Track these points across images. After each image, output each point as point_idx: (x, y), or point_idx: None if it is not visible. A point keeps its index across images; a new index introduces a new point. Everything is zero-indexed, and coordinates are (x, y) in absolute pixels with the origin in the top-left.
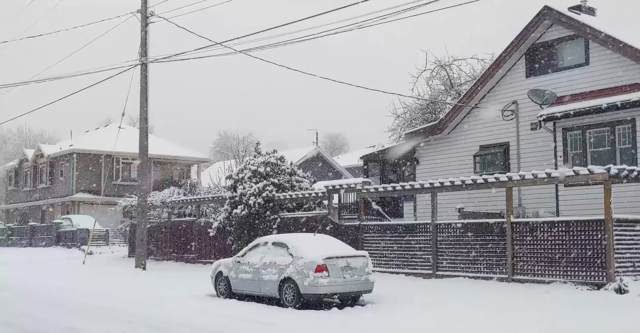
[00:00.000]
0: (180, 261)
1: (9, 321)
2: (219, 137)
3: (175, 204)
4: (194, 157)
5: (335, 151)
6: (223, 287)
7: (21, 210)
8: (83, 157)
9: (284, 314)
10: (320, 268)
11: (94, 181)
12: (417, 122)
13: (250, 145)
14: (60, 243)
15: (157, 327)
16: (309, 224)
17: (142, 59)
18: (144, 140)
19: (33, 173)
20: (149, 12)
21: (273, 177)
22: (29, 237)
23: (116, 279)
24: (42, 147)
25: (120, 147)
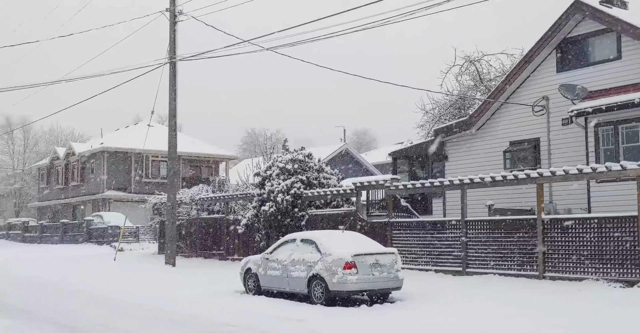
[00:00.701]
0: (209, 258)
1: (44, 317)
2: (247, 135)
3: (203, 201)
4: (222, 155)
5: (363, 148)
6: (252, 284)
7: (53, 207)
8: (113, 155)
9: (313, 311)
10: (349, 265)
11: (124, 179)
12: (446, 118)
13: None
14: (91, 240)
15: (186, 323)
16: (337, 221)
17: (170, 57)
18: (172, 138)
19: (64, 171)
20: (177, 11)
21: (301, 174)
22: (61, 234)
23: (146, 276)
24: (73, 145)
25: (149, 144)
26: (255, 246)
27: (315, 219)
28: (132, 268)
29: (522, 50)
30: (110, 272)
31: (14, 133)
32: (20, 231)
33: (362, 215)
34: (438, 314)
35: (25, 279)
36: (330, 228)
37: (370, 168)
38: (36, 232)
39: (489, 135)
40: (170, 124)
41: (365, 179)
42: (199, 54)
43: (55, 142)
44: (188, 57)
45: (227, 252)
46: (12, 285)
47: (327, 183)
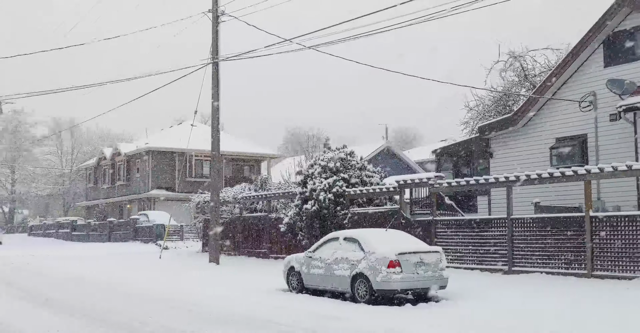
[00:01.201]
0: (252, 256)
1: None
2: (288, 133)
3: (246, 200)
4: (263, 153)
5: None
6: (295, 282)
7: (100, 206)
8: (158, 155)
9: (356, 309)
10: (393, 264)
11: (169, 178)
12: (490, 114)
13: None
14: (137, 238)
15: (230, 321)
16: (380, 219)
17: (213, 57)
18: (215, 138)
19: (111, 171)
20: (219, 12)
21: (343, 172)
22: (108, 232)
23: (191, 273)
24: (120, 145)
25: (193, 144)
26: (297, 244)
27: (357, 218)
28: (177, 266)
29: (568, 45)
30: (156, 270)
31: (62, 134)
32: (69, 230)
33: (406, 214)
34: (484, 313)
35: (75, 277)
36: (373, 226)
37: (413, 166)
38: (84, 230)
39: (534, 132)
40: (213, 123)
41: (408, 177)
42: (241, 54)
43: (102, 143)
44: (230, 57)
45: (270, 251)
46: (62, 283)
47: (370, 181)
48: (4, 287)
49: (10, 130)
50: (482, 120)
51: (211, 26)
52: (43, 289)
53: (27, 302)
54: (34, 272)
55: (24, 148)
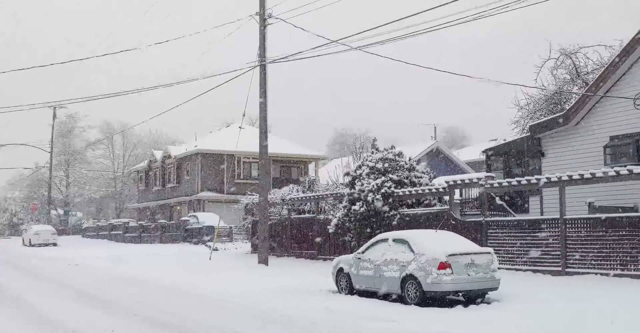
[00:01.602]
0: (301, 257)
1: (149, 317)
2: (335, 135)
3: (294, 201)
4: (311, 155)
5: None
6: (344, 283)
7: (151, 208)
8: (207, 157)
9: (407, 311)
10: (444, 265)
11: (217, 180)
12: (541, 113)
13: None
14: (187, 239)
15: (281, 322)
16: (429, 220)
17: (260, 60)
18: (263, 140)
19: (161, 173)
20: (266, 14)
21: (391, 173)
22: (159, 234)
23: (241, 274)
24: (170, 148)
25: (240, 146)
26: (345, 246)
27: (406, 219)
28: (227, 267)
29: (621, 42)
30: (207, 271)
31: (114, 138)
32: (121, 231)
33: (456, 214)
34: (537, 315)
35: (128, 278)
36: (423, 227)
37: (463, 166)
38: (136, 232)
39: (587, 131)
40: (261, 126)
41: (458, 177)
42: (288, 56)
43: (153, 146)
44: (277, 60)
45: (318, 252)
46: (116, 283)
47: (419, 182)
48: (56, 287)
49: (64, 134)
50: (533, 119)
51: (258, 29)
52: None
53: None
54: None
55: (78, 151)
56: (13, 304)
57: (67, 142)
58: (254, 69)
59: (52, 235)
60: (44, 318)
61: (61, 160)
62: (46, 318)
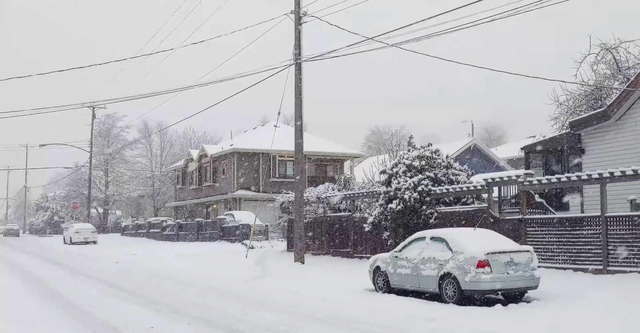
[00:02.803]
0: (337, 255)
1: (191, 314)
2: (371, 132)
3: (330, 200)
4: (346, 153)
5: (492, 143)
6: (381, 282)
7: (188, 207)
8: (242, 156)
9: (445, 310)
10: (482, 264)
11: (253, 178)
12: (581, 109)
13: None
14: (224, 238)
15: (319, 320)
16: (467, 218)
17: (295, 58)
18: (298, 138)
19: (198, 172)
20: (302, 13)
21: (428, 170)
22: (196, 232)
23: (278, 273)
24: (206, 147)
25: (276, 145)
26: (382, 244)
27: (444, 217)
28: (264, 265)
29: None
30: (244, 269)
31: (151, 137)
32: (159, 230)
33: (494, 212)
34: (578, 314)
35: (165, 275)
36: (460, 226)
37: (501, 163)
38: (173, 230)
39: (629, 126)
40: (296, 124)
41: (496, 175)
42: (323, 54)
43: (189, 145)
44: (313, 58)
45: (354, 250)
46: (154, 280)
47: (456, 179)
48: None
49: (104, 134)
50: (572, 116)
51: (293, 27)
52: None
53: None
54: (128, 270)
55: (116, 151)
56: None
57: (106, 141)
58: (289, 67)
59: (92, 233)
60: (86, 314)
61: (100, 160)
62: (88, 315)
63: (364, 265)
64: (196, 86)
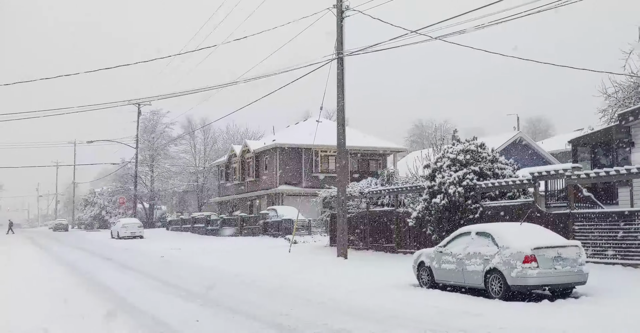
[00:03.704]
0: (380, 250)
1: (232, 307)
2: (414, 126)
3: (372, 195)
4: (389, 147)
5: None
6: (425, 277)
7: (232, 202)
8: (285, 151)
9: (490, 305)
10: (529, 259)
11: (295, 173)
12: (630, 101)
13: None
14: (266, 233)
15: (362, 315)
16: (513, 213)
17: (338, 53)
18: (341, 133)
19: (241, 167)
20: (344, 7)
21: (473, 164)
22: (239, 227)
23: (321, 267)
24: (248, 143)
25: (318, 140)
26: (426, 239)
27: (489, 211)
28: (307, 260)
29: None
30: (287, 264)
31: (195, 133)
32: (203, 224)
33: (541, 207)
34: (628, 310)
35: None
36: (506, 220)
37: (548, 157)
38: (217, 225)
39: None
40: (339, 119)
41: (543, 169)
42: (365, 48)
43: (232, 140)
44: (355, 52)
45: (398, 245)
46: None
47: (502, 173)
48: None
49: (149, 131)
50: (621, 108)
51: (335, 21)
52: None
53: (163, 292)
54: (174, 264)
55: (161, 147)
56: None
57: (151, 138)
58: (331, 62)
59: (138, 228)
60: (133, 307)
61: (146, 156)
62: (135, 308)
63: (408, 260)
64: (239, 82)
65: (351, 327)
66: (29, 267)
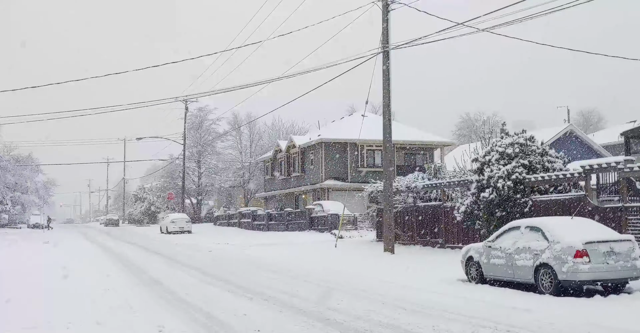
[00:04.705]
0: (427, 245)
1: (276, 298)
2: (461, 120)
3: (419, 189)
4: (436, 141)
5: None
6: (474, 272)
7: (277, 197)
8: (330, 146)
9: (540, 301)
10: (580, 254)
11: (341, 168)
12: None
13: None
14: (312, 227)
15: (410, 309)
16: (563, 207)
17: (383, 46)
18: (387, 127)
19: (286, 162)
20: (389, 0)
21: (522, 158)
22: (285, 222)
23: (368, 262)
24: (294, 138)
25: (364, 134)
26: (474, 234)
27: (539, 205)
28: (354, 254)
29: None
30: (334, 258)
31: (241, 129)
32: (250, 219)
33: (592, 200)
34: None
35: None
36: (556, 214)
37: (599, 149)
38: (263, 220)
39: None
40: (385, 113)
41: (594, 161)
42: (411, 41)
43: (278, 136)
44: (401, 45)
45: (445, 240)
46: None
47: (552, 167)
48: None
49: (196, 127)
50: None
51: (381, 15)
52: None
53: (211, 285)
54: (222, 259)
55: (208, 143)
56: (157, 287)
57: (198, 134)
58: (376, 55)
59: (186, 223)
60: (182, 301)
61: (193, 152)
62: (184, 301)
63: (455, 255)
64: (284, 77)
65: (399, 322)
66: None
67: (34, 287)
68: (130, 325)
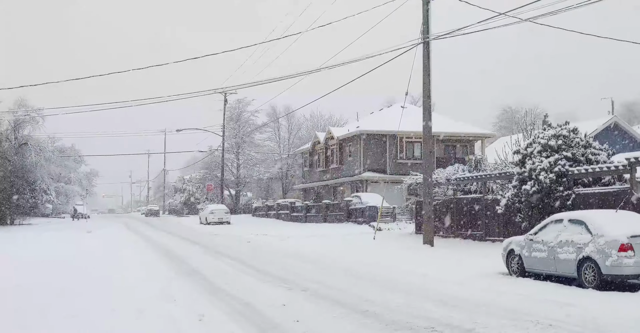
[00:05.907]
0: (467, 238)
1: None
2: (502, 112)
3: (459, 181)
4: (476, 133)
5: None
6: (515, 266)
7: (316, 189)
8: (369, 138)
9: (583, 295)
10: (625, 247)
11: (380, 160)
12: None
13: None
14: (350, 219)
15: (451, 304)
16: (607, 200)
17: (424, 37)
18: (427, 119)
19: (325, 154)
20: None
21: (565, 150)
22: (323, 213)
23: (407, 255)
24: (332, 129)
25: (403, 126)
26: (515, 227)
27: (582, 198)
28: (392, 247)
29: None
30: (372, 250)
31: (279, 121)
32: (288, 211)
33: (637, 193)
34: None
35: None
36: (600, 208)
37: None
38: (301, 211)
39: None
40: (425, 104)
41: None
42: (452, 31)
43: (316, 128)
44: (442, 35)
45: (486, 233)
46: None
47: (595, 159)
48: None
49: (235, 119)
50: None
51: (422, 5)
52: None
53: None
54: (261, 249)
55: (246, 134)
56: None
57: (236, 126)
58: (416, 46)
59: (225, 214)
60: (222, 291)
61: (232, 143)
62: (223, 291)
63: (496, 248)
64: (323, 69)
65: (437, 315)
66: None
67: (79, 276)
68: (171, 313)
